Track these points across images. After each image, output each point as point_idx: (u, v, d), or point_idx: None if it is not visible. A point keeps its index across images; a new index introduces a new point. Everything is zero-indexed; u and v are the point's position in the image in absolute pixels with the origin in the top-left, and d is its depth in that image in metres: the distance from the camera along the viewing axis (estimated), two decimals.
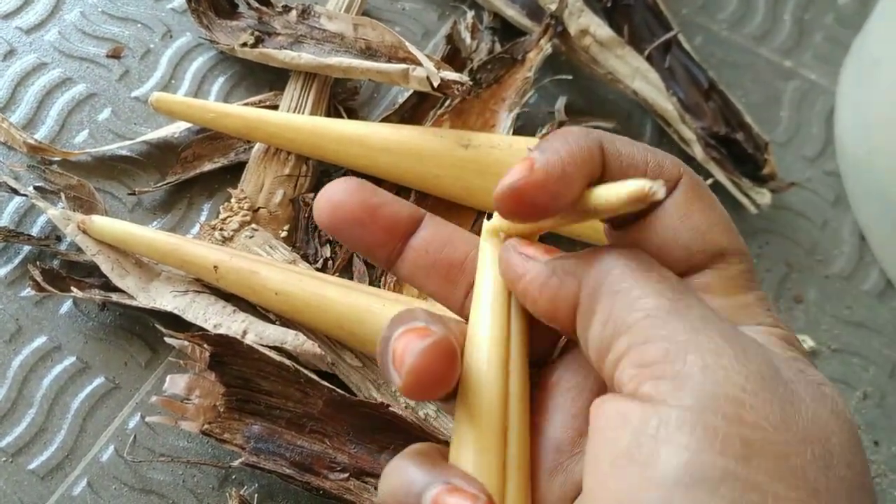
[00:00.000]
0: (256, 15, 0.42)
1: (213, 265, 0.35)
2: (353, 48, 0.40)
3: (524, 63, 0.41)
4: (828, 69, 0.45)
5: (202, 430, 0.32)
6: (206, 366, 0.33)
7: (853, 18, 0.46)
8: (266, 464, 0.32)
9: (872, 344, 0.39)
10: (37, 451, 0.34)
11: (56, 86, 0.41)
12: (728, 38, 0.46)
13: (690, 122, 0.41)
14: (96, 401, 0.35)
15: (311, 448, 0.33)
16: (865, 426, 0.37)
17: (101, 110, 0.41)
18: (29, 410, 0.35)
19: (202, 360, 0.33)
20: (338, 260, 0.38)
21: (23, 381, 0.35)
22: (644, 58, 0.42)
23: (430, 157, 0.38)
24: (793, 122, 0.44)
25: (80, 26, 0.43)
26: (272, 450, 0.32)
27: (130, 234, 0.36)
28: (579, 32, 0.41)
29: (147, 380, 0.36)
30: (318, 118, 0.39)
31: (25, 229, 0.38)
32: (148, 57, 0.42)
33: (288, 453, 0.33)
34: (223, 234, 0.38)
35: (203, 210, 0.39)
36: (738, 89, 0.43)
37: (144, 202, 0.39)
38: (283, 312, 0.36)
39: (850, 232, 0.42)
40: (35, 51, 0.42)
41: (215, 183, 0.40)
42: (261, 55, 0.41)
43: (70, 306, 0.37)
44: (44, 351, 0.36)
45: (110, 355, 0.36)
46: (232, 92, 0.42)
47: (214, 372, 0.33)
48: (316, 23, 0.41)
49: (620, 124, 0.42)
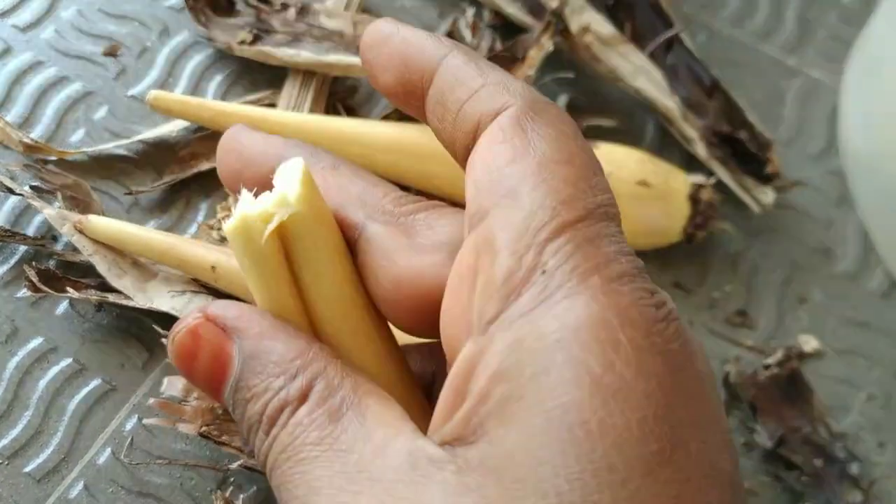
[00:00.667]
0: (254, 12, 0.41)
1: (211, 265, 0.35)
2: (353, 46, 0.40)
3: (525, 61, 0.41)
4: (831, 67, 0.45)
5: (200, 433, 0.32)
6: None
7: (857, 16, 0.46)
8: None
9: (878, 344, 0.39)
10: (33, 453, 0.34)
11: (52, 84, 0.41)
12: (730, 35, 0.45)
13: (693, 121, 0.40)
14: (93, 403, 0.35)
15: None
16: (871, 427, 0.37)
17: (97, 109, 0.41)
18: (25, 413, 0.35)
19: None
20: None
21: (18, 383, 0.35)
22: (646, 56, 0.41)
23: (430, 155, 0.37)
24: (796, 121, 0.44)
25: (77, 24, 0.42)
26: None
27: (127, 234, 0.35)
28: (581, 30, 0.41)
29: (144, 382, 0.36)
30: (316, 116, 0.38)
31: (21, 229, 0.38)
32: (145, 55, 0.42)
33: None
34: (221, 234, 0.37)
35: (201, 209, 0.39)
36: (740, 87, 0.42)
37: (142, 202, 0.39)
38: None
39: (854, 231, 0.41)
40: (31, 49, 0.41)
41: (213, 182, 0.39)
42: (258, 53, 0.40)
43: (66, 307, 0.37)
44: (40, 352, 0.36)
45: (107, 357, 0.36)
46: (230, 90, 0.41)
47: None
48: (314, 20, 0.41)
49: (622, 123, 0.42)
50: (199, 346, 0.20)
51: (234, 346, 0.19)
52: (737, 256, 0.40)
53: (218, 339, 0.19)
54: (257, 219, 0.19)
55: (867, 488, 0.35)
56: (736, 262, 0.40)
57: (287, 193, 0.19)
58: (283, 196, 0.19)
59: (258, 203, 0.19)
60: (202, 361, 0.20)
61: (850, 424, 0.37)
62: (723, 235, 0.40)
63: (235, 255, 0.20)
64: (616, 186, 0.37)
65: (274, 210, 0.19)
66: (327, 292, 0.20)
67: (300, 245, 0.20)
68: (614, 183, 0.37)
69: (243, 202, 0.19)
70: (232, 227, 0.19)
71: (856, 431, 0.37)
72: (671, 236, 0.39)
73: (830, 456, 0.36)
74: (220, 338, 0.19)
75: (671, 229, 0.38)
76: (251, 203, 0.19)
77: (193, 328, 0.20)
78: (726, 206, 0.40)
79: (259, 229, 0.19)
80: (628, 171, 0.38)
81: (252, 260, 0.19)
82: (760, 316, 0.39)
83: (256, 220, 0.19)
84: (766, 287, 0.40)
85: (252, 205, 0.19)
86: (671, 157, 0.40)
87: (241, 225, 0.19)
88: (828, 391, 0.38)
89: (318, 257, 0.20)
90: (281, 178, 0.20)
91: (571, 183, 0.17)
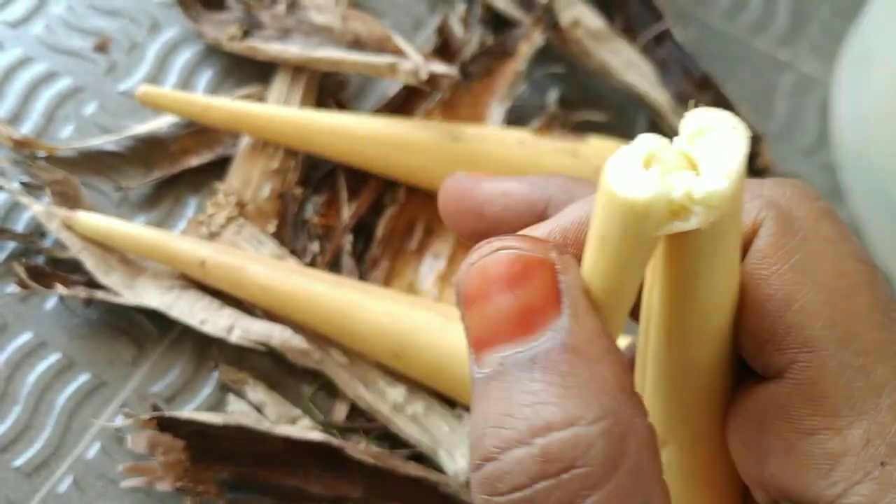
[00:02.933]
0: (244, 8, 0.41)
1: (200, 261, 0.35)
2: (342, 41, 0.40)
3: (515, 56, 0.41)
4: (823, 61, 0.45)
5: (177, 488, 0.32)
6: (158, 428, 0.33)
7: (849, 10, 0.45)
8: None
9: None
10: (22, 448, 0.34)
11: (42, 80, 0.41)
12: (723, 29, 0.45)
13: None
14: (82, 398, 0.35)
15: (287, 483, 0.32)
16: None
17: (87, 104, 0.41)
18: (14, 407, 0.35)
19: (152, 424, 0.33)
20: (326, 255, 0.38)
21: (8, 379, 0.35)
22: (637, 50, 0.41)
23: (420, 150, 0.37)
24: (788, 115, 0.43)
25: (67, 19, 0.42)
26: (249, 495, 0.32)
27: (116, 230, 0.35)
28: (571, 24, 0.41)
29: (133, 377, 0.36)
30: (306, 111, 0.38)
31: (11, 225, 0.38)
32: (135, 50, 0.42)
33: (266, 494, 0.32)
34: (210, 230, 0.37)
35: (190, 205, 0.39)
36: (732, 81, 0.42)
37: (131, 197, 0.39)
38: (271, 308, 0.35)
39: None
40: (21, 45, 0.41)
41: (203, 177, 0.39)
42: (248, 48, 0.40)
43: (55, 303, 0.37)
44: (29, 348, 0.36)
45: (96, 352, 0.36)
46: (220, 85, 0.41)
47: (168, 432, 0.33)
48: (304, 16, 0.41)
49: (613, 117, 0.42)
50: (531, 276, 0.15)
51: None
52: None
53: (555, 284, 0.15)
54: (668, 205, 0.14)
55: None
56: None
57: (717, 189, 0.13)
58: (713, 193, 0.13)
59: (678, 182, 0.14)
60: (524, 294, 0.15)
61: None
62: None
63: (602, 222, 0.14)
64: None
65: (694, 206, 0.14)
66: (713, 322, 0.16)
67: (703, 253, 0.15)
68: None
69: (661, 159, 0.14)
70: (634, 197, 0.13)
71: None
72: None
73: None
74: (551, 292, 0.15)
75: None
76: (669, 175, 0.14)
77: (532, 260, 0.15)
78: None
79: (661, 214, 0.14)
80: None
81: (628, 244, 0.14)
82: None
83: (666, 205, 0.14)
84: None
85: (669, 180, 0.14)
86: None
87: (647, 203, 0.13)
88: None
89: (718, 275, 0.15)
90: (700, 143, 0.14)
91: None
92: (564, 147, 0.38)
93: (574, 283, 0.15)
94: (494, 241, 0.15)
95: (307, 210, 0.39)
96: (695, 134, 0.14)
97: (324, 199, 0.39)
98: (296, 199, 0.38)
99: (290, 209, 0.38)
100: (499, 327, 0.15)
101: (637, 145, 0.14)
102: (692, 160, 0.14)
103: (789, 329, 0.15)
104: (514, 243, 0.15)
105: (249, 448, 0.33)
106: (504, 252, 0.15)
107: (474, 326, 0.15)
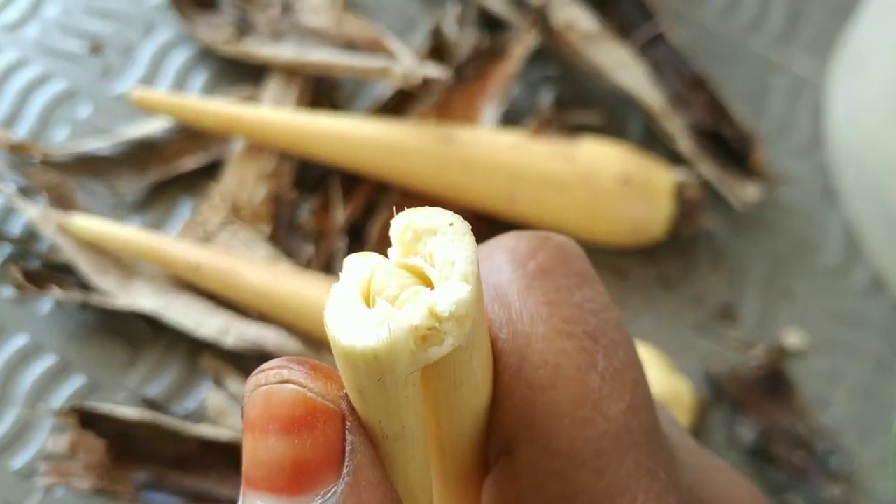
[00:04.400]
0: (238, 11, 0.41)
1: (195, 264, 0.35)
2: (336, 44, 0.40)
3: (509, 57, 0.41)
4: (817, 62, 0.45)
5: (96, 490, 0.32)
6: (80, 426, 0.33)
7: (843, 11, 0.45)
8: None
9: (861, 338, 0.39)
10: (18, 450, 0.34)
11: (37, 83, 0.41)
12: (716, 30, 0.45)
13: (677, 117, 0.40)
14: (78, 400, 0.35)
15: (200, 486, 0.33)
16: (853, 420, 0.37)
17: (82, 107, 0.41)
18: (11, 410, 0.35)
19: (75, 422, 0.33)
20: (320, 258, 0.38)
21: (4, 381, 0.35)
22: (631, 51, 0.41)
23: (413, 152, 0.37)
24: (782, 116, 0.44)
25: (62, 22, 0.42)
26: (164, 496, 0.33)
27: (111, 233, 0.36)
28: (565, 26, 0.41)
29: (128, 379, 0.36)
30: (298, 114, 0.38)
31: (6, 228, 0.38)
32: (129, 53, 0.42)
33: (178, 496, 0.33)
34: (204, 233, 0.37)
35: (184, 208, 0.39)
36: (726, 82, 0.42)
37: (126, 200, 0.39)
38: (265, 311, 0.35)
39: (839, 225, 0.41)
40: (16, 48, 0.42)
41: (197, 180, 0.39)
42: (242, 51, 0.40)
43: (51, 305, 0.37)
44: (25, 350, 0.36)
45: (92, 354, 0.36)
46: (214, 88, 0.42)
47: (90, 431, 0.33)
48: (298, 18, 0.41)
49: (606, 119, 0.42)
50: (312, 426, 0.13)
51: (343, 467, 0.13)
52: (721, 251, 0.41)
53: (336, 444, 0.13)
54: (414, 334, 0.12)
55: (848, 481, 0.35)
56: (720, 257, 0.40)
57: (461, 298, 0.12)
58: (458, 303, 0.12)
59: (414, 306, 0.12)
60: (306, 445, 0.13)
61: (832, 417, 0.37)
62: (707, 230, 0.40)
63: (348, 376, 0.13)
64: (600, 183, 0.38)
65: (443, 325, 0.12)
66: (464, 434, 0.15)
67: (462, 362, 0.14)
68: (598, 180, 0.38)
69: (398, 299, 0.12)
70: (370, 347, 0.12)
71: (838, 424, 0.37)
72: (656, 232, 0.39)
73: (812, 450, 0.36)
74: (337, 442, 0.13)
75: (655, 225, 0.39)
76: (402, 309, 0.12)
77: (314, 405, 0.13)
78: (711, 200, 0.40)
79: (409, 351, 0.12)
80: (612, 167, 0.38)
81: (389, 391, 0.13)
82: (745, 310, 0.39)
83: (412, 337, 0.12)
84: (751, 281, 0.40)
85: (404, 308, 0.12)
86: (656, 153, 0.40)
87: (387, 348, 0.12)
88: (811, 384, 0.38)
89: (480, 375, 0.14)
90: (420, 249, 0.13)
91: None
92: (558, 149, 0.38)
93: (361, 447, 0.13)
94: (284, 369, 0.13)
95: (301, 213, 0.39)
96: (411, 242, 0.13)
97: (317, 201, 0.39)
98: (290, 202, 0.39)
99: (285, 212, 0.39)
100: (268, 474, 0.13)
101: (349, 277, 0.12)
102: (417, 270, 0.13)
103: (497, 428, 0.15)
104: (301, 379, 0.13)
105: (167, 449, 0.33)
106: (289, 388, 0.13)
107: (246, 459, 0.13)
